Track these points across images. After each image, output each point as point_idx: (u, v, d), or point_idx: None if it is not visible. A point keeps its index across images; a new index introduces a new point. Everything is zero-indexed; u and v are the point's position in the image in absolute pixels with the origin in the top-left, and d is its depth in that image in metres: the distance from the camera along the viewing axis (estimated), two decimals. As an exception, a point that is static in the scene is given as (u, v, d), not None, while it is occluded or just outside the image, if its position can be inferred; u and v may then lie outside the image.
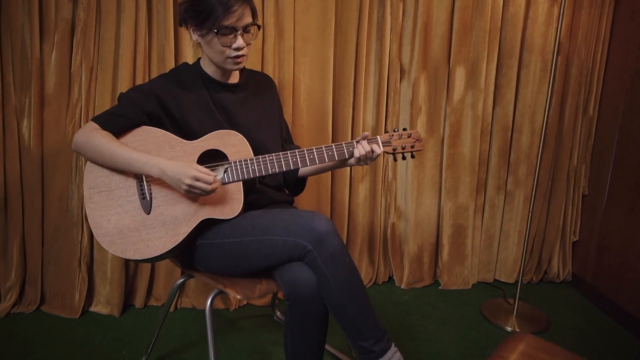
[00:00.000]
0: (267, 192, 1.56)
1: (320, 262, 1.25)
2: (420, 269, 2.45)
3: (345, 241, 2.35)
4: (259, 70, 2.09)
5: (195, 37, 1.44)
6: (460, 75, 2.27)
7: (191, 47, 2.03)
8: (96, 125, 1.37)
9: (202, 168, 1.33)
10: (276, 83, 1.76)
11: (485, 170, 2.41)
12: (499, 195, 2.43)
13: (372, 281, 2.44)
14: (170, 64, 2.00)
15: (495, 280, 2.55)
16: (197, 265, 1.46)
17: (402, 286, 2.42)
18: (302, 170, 1.63)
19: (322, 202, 2.27)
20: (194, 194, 1.32)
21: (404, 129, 1.54)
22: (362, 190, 2.34)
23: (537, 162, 2.05)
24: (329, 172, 2.25)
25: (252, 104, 1.55)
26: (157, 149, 1.39)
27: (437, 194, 2.40)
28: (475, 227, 2.44)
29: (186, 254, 1.46)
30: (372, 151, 1.45)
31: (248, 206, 1.45)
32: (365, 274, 2.43)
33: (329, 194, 2.28)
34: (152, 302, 2.20)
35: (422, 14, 2.21)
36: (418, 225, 2.41)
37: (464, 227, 2.41)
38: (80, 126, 2.01)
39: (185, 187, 1.31)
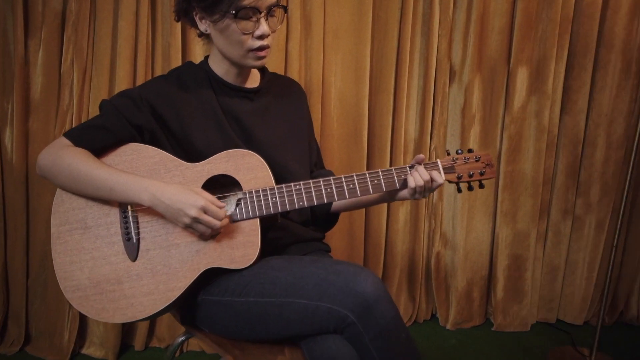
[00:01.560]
0: (292, 228, 1.21)
1: (366, 340, 0.90)
2: (470, 307, 2.11)
3: (381, 274, 2.03)
4: (282, 72, 1.77)
5: (203, 27, 1.11)
6: (522, 78, 1.93)
7: (202, 44, 1.71)
8: (67, 142, 1.05)
9: (211, 196, 1.01)
10: (302, 86, 1.43)
11: (549, 191, 2.07)
12: (565, 220, 2.08)
13: (412, 320, 2.12)
14: (177, 64, 1.71)
15: (558, 320, 2.19)
16: (199, 324, 1.12)
17: (448, 326, 2.09)
18: (337, 204, 1.28)
19: (354, 226, 1.94)
20: (195, 231, 0.99)
21: (470, 151, 1.19)
22: (402, 213, 2.01)
23: (613, 181, 1.66)
24: (365, 169, 1.89)
25: (274, 116, 1.21)
26: (148, 174, 1.07)
27: (491, 218, 2.07)
28: (536, 258, 2.09)
29: (186, 309, 1.13)
30: (432, 180, 1.09)
31: (265, 245, 1.10)
32: (404, 311, 2.11)
33: (363, 217, 1.96)
34: (154, 344, 1.90)
35: (477, 4, 1.87)
36: (467, 255, 2.07)
37: (522, 259, 2.06)
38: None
39: (187, 221, 1.00)
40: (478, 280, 2.10)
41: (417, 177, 1.09)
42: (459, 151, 1.19)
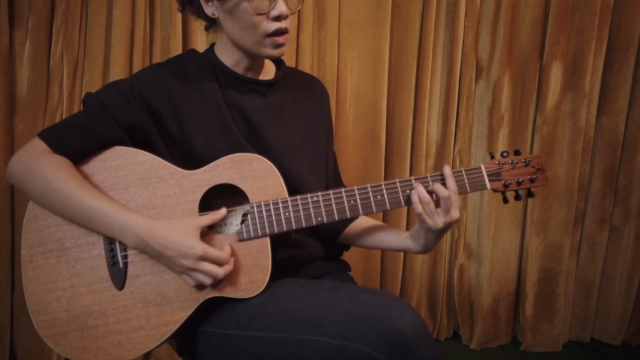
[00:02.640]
0: (307, 245, 1.05)
1: (403, 390, 0.73)
2: (496, 325, 1.96)
3: (399, 288, 1.88)
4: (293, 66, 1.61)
5: (210, 10, 0.95)
6: (556, 74, 1.78)
7: (205, 35, 1.58)
8: (44, 146, 0.89)
9: (212, 217, 0.88)
10: None
11: (584, 198, 1.92)
12: (601, 231, 1.94)
13: (433, 337, 1.94)
14: None
15: (592, 340, 2.03)
16: (199, 359, 0.96)
17: (472, 345, 1.95)
18: (349, 233, 1.11)
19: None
20: (192, 280, 0.85)
21: (517, 153, 1.03)
22: None
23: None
24: (382, 173, 1.75)
25: (289, 116, 1.04)
26: (137, 184, 0.91)
27: (519, 228, 1.92)
28: (569, 272, 1.94)
29: (183, 339, 0.97)
30: (437, 196, 0.93)
31: (275, 265, 0.93)
32: (424, 328, 1.92)
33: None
34: (152, 364, 1.73)
35: None
36: (494, 268, 1.92)
37: (554, 272, 1.91)
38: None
39: (181, 271, 0.86)
40: (505, 296, 1.95)
41: (415, 199, 0.93)
42: (505, 153, 1.03)
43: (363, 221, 1.11)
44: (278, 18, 0.91)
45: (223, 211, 0.90)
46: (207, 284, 0.85)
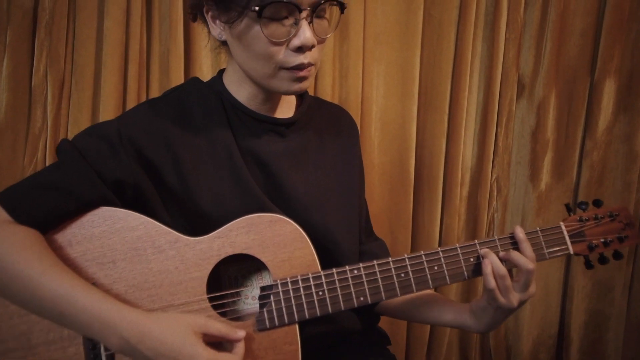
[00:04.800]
0: (341, 319, 0.85)
1: None
2: None
3: (428, 331, 1.68)
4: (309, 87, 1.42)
5: (217, 30, 0.76)
6: (609, 92, 1.58)
7: (210, 51, 1.39)
8: (4, 215, 0.68)
9: (223, 329, 0.68)
10: (336, 103, 1.08)
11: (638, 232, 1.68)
12: None
13: (465, 386, 1.74)
14: (179, 77, 1.38)
15: None
16: None
17: None
18: (396, 300, 0.92)
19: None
20: None
21: (597, 203, 0.84)
22: None
23: None
24: (410, 205, 1.54)
25: (315, 158, 0.85)
26: (128, 256, 0.71)
27: (563, 264, 1.72)
28: (620, 314, 1.72)
29: None
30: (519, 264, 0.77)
31: (302, 348, 0.73)
32: (455, 376, 1.73)
33: (409, 240, 1.59)
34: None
35: (555, 1, 1.51)
36: (534, 308, 1.72)
37: (604, 315, 1.72)
38: (45, 165, 1.39)
39: None
40: (546, 340, 1.75)
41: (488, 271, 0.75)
42: (583, 205, 0.83)
43: None
44: (300, 49, 0.70)
45: (242, 333, 0.68)
46: None
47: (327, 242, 0.81)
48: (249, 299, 0.79)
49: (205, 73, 1.40)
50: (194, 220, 0.75)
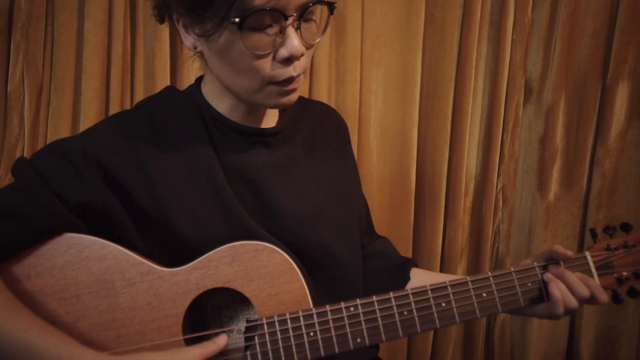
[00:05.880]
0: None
1: None
2: None
3: (430, 347, 1.62)
4: (304, 92, 1.36)
5: (190, 42, 0.68)
6: (622, 97, 1.50)
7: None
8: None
9: (204, 353, 0.61)
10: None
11: None
12: None
13: (468, 405, 1.68)
14: (165, 81, 1.31)
15: None
16: None
17: None
18: None
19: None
20: None
21: (625, 228, 0.76)
22: (460, 267, 1.60)
23: None
24: (411, 216, 1.48)
25: (305, 166, 0.78)
26: (94, 290, 0.64)
27: None
28: (632, 330, 1.65)
29: None
30: (593, 297, 0.70)
31: None
32: (458, 395, 1.67)
33: (410, 254, 1.54)
34: None
35: (565, 1, 1.44)
36: (542, 323, 1.65)
37: (615, 332, 1.64)
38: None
39: None
40: (554, 357, 1.68)
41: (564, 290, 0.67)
42: (610, 230, 0.76)
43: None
44: (289, 60, 0.62)
45: (223, 340, 0.61)
46: None
47: (324, 259, 0.73)
48: (234, 332, 0.71)
49: (193, 77, 1.32)
50: (172, 247, 0.67)
